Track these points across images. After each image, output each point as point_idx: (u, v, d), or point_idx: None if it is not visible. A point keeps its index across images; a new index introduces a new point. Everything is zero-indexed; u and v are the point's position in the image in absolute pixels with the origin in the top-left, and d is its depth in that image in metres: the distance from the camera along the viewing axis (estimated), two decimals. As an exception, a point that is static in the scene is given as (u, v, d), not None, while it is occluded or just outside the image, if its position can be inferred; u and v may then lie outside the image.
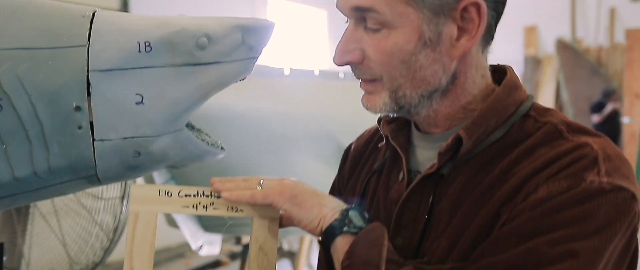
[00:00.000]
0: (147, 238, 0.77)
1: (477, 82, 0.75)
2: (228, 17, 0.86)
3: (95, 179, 0.83)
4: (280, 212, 0.79)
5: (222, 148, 0.92)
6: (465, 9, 0.69)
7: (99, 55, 0.77)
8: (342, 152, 0.98)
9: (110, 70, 0.78)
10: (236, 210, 0.79)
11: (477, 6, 0.69)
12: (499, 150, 0.72)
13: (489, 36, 0.74)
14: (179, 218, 2.58)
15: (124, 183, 1.66)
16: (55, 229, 1.72)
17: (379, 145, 0.89)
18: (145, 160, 0.83)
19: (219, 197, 0.79)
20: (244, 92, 2.21)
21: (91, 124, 0.78)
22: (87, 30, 0.78)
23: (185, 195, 0.79)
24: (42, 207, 1.71)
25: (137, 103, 0.79)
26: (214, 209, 0.78)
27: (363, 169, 0.90)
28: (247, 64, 0.86)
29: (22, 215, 1.77)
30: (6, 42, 0.76)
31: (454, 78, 0.73)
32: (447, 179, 0.73)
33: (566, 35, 7.39)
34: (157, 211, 0.78)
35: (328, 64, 7.43)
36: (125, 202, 1.58)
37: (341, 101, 2.85)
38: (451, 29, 0.70)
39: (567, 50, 7.23)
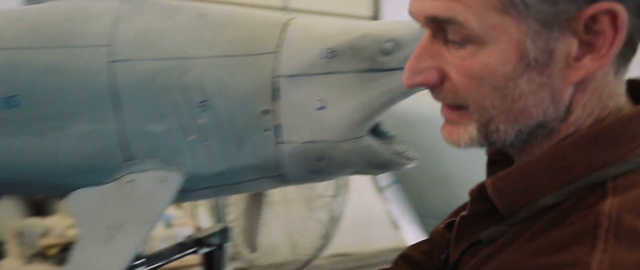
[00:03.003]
0: None
1: (602, 114, 0.54)
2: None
3: (281, 179, 0.87)
4: None
5: (411, 158, 0.87)
6: (593, 18, 0.48)
7: (287, 61, 0.81)
8: None
9: (296, 75, 0.81)
10: None
11: (613, 15, 0.48)
12: (547, 225, 0.51)
13: (629, 51, 0.52)
14: (401, 220, 2.59)
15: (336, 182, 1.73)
16: (282, 217, 1.88)
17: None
18: (328, 165, 0.84)
19: None
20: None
21: (276, 127, 0.82)
22: (278, 38, 0.82)
23: None
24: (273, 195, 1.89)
25: (318, 108, 0.81)
26: None
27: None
28: (436, 71, 0.81)
29: (261, 202, 1.99)
30: (214, 50, 0.84)
31: (567, 112, 0.53)
32: (488, 248, 0.55)
33: None
34: None
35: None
36: (339, 198, 1.65)
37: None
38: (569, 45, 0.50)
39: None
